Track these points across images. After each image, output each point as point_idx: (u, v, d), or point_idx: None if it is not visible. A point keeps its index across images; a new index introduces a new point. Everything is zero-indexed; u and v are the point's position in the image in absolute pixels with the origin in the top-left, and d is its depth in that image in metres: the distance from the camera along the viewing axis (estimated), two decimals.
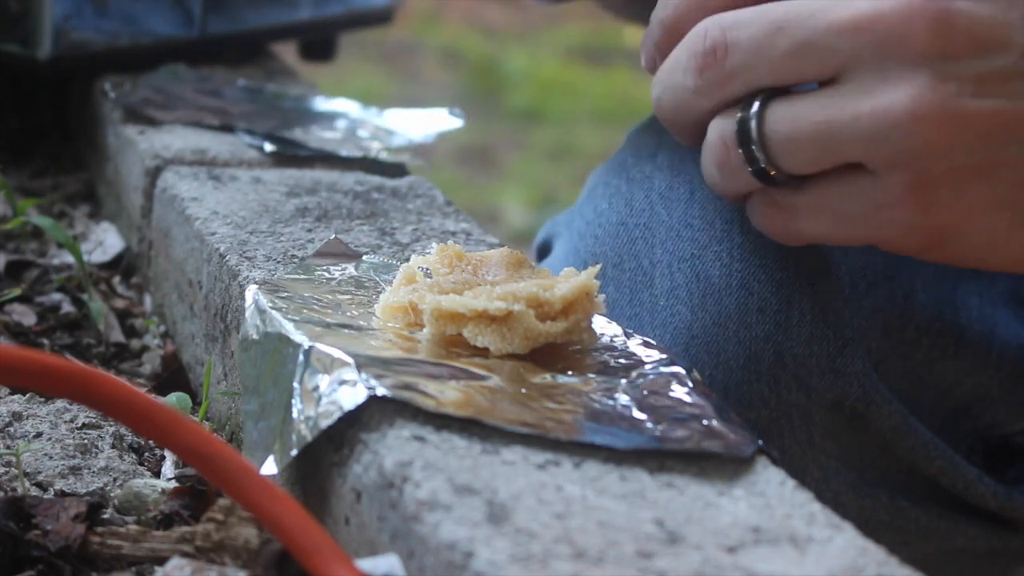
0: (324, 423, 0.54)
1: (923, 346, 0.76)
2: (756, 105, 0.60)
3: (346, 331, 0.60)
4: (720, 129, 0.62)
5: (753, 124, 0.61)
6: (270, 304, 0.62)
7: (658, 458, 0.53)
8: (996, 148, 0.58)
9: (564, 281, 0.61)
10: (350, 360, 0.56)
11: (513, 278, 0.63)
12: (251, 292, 0.63)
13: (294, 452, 0.55)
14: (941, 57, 0.57)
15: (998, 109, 0.57)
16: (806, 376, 0.72)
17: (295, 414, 0.56)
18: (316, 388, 0.55)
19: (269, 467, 0.56)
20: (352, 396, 0.54)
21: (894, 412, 0.73)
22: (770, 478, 0.52)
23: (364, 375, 0.55)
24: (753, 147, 0.61)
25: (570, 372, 0.59)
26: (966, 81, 0.57)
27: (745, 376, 0.72)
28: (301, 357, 0.57)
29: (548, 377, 0.58)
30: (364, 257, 0.70)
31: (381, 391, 0.54)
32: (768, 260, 0.71)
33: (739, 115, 0.61)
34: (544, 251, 0.86)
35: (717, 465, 0.53)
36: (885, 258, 0.75)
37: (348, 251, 0.70)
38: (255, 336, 0.61)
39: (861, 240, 0.62)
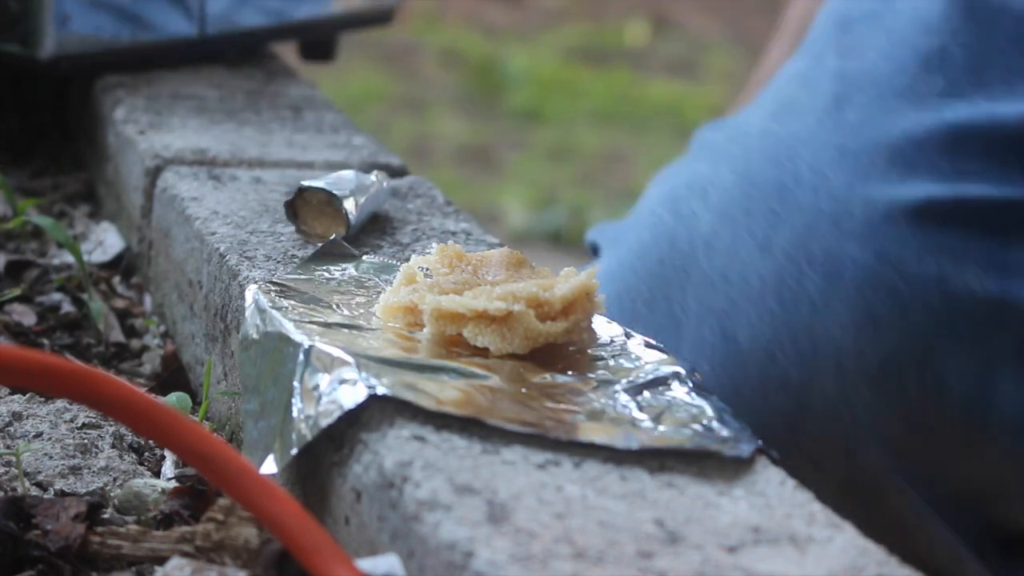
0: (324, 422, 0.54)
1: (945, 436, 0.74)
2: None
3: (346, 331, 0.60)
4: None
5: None
6: (270, 304, 0.62)
7: (658, 458, 0.52)
8: None
9: (564, 281, 0.61)
10: (350, 359, 0.56)
11: (513, 278, 0.63)
12: (251, 292, 0.63)
13: (294, 451, 0.55)
14: None
15: None
16: (819, 456, 0.71)
17: (295, 413, 0.56)
18: (316, 387, 0.55)
19: (269, 466, 0.56)
20: (352, 395, 0.54)
21: (905, 502, 0.71)
22: (770, 478, 0.52)
23: (364, 374, 0.55)
24: None
25: (570, 372, 0.59)
26: None
27: None
28: (301, 356, 0.57)
29: (548, 377, 0.58)
30: (364, 257, 0.70)
31: (381, 390, 0.54)
32: (797, 332, 0.70)
33: None
34: (594, 251, 0.85)
35: (717, 465, 0.53)
36: (921, 345, 0.73)
37: (348, 251, 0.70)
38: (255, 336, 0.61)
39: None
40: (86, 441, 0.66)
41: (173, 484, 0.63)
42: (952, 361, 0.74)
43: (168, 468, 0.66)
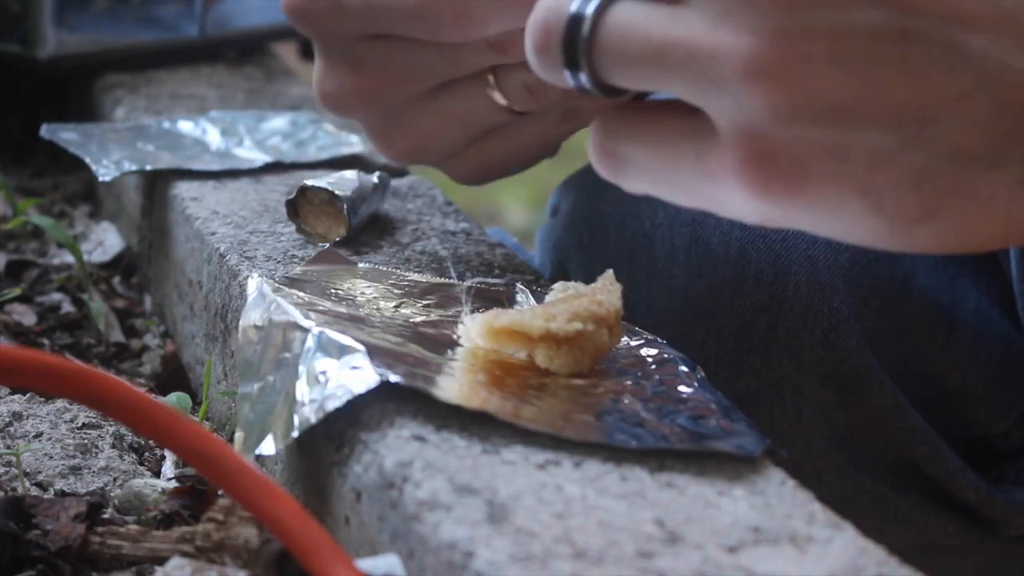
0: (331, 405, 0.54)
1: (915, 331, 0.75)
2: (594, 4, 0.49)
3: (354, 323, 0.60)
4: (548, 10, 0.51)
5: (586, 27, 0.49)
6: (275, 291, 0.61)
7: (658, 458, 0.52)
8: (848, 128, 0.46)
9: (605, 292, 0.59)
10: (360, 347, 0.55)
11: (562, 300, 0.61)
12: (255, 280, 0.63)
13: (295, 433, 0.54)
14: (791, 6, 0.46)
15: (853, 80, 0.46)
16: (798, 349, 0.72)
17: (299, 397, 0.55)
18: (324, 372, 0.55)
19: (268, 447, 0.55)
20: (363, 381, 0.54)
21: (885, 392, 0.73)
22: (770, 478, 0.52)
23: (376, 361, 0.54)
24: (578, 49, 0.50)
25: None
26: (818, 38, 0.45)
27: (737, 345, 0.72)
28: (309, 342, 0.57)
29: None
30: (359, 265, 0.70)
31: (394, 378, 0.53)
32: (768, 230, 0.72)
33: (573, 9, 0.50)
34: (556, 212, 0.85)
35: (717, 465, 0.53)
36: None
37: (342, 259, 0.70)
38: (258, 321, 0.60)
39: (695, 206, 0.53)
40: (86, 441, 0.66)
41: (173, 484, 0.63)
42: (920, 259, 0.75)
43: (168, 468, 0.66)
